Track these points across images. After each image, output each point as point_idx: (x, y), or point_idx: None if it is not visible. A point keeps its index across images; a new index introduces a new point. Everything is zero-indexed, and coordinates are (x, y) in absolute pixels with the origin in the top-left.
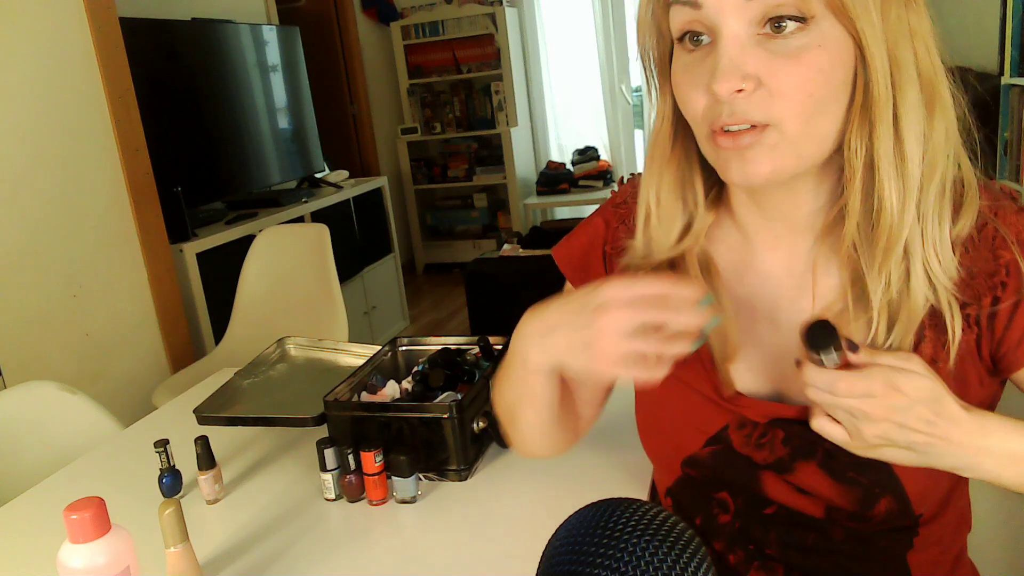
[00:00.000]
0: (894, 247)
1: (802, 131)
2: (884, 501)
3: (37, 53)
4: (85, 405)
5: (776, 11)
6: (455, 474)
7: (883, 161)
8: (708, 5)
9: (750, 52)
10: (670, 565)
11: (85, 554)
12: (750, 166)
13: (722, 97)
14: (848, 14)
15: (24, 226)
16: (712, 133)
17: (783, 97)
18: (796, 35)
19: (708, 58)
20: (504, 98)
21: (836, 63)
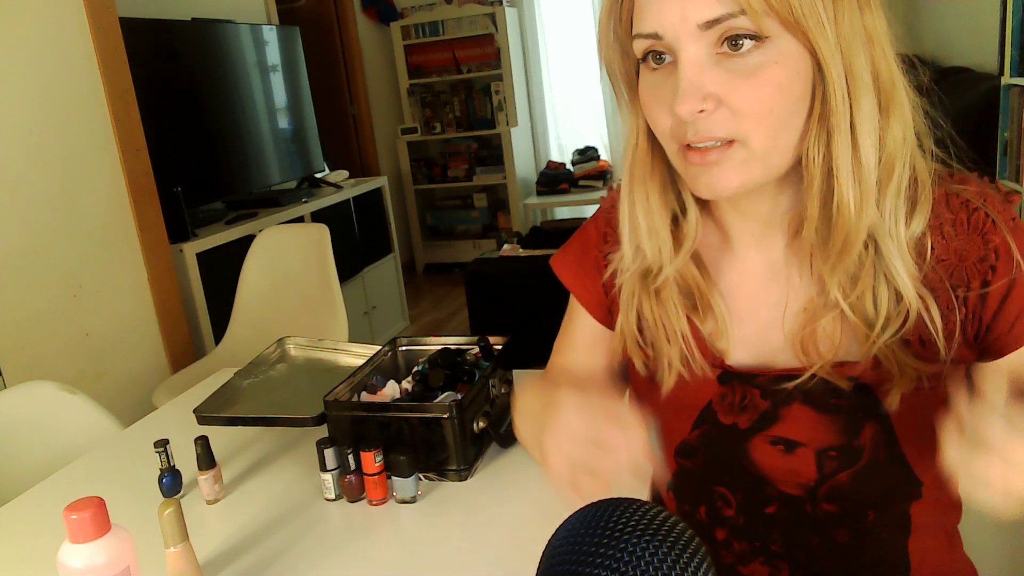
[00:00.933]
0: (850, 249)
1: (768, 145)
2: (869, 428)
3: (37, 53)
4: (85, 405)
5: (732, 32)
6: (455, 474)
7: (841, 168)
8: (667, 35)
9: (709, 73)
10: (670, 565)
11: (85, 554)
12: (718, 181)
13: (684, 118)
14: (802, 29)
15: (24, 226)
16: (680, 148)
17: (745, 115)
18: (753, 53)
19: (670, 78)
20: (504, 98)
21: (794, 77)
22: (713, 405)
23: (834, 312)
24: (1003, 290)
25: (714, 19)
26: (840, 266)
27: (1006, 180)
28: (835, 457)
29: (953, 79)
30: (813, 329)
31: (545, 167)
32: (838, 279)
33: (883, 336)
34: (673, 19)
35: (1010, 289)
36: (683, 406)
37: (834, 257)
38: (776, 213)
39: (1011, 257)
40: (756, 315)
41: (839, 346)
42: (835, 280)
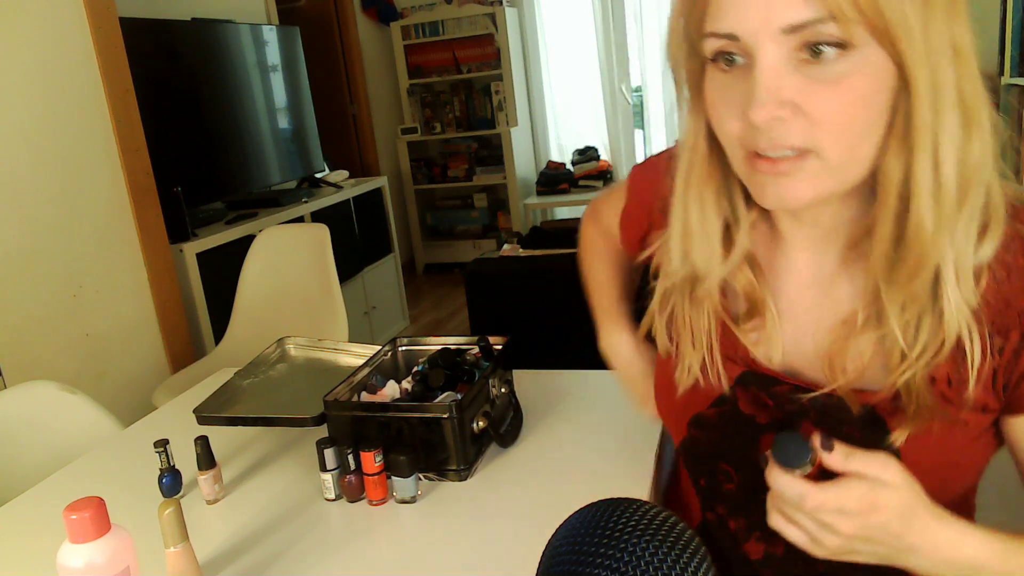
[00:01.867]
0: (920, 273)
1: (844, 157)
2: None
3: (37, 53)
4: (85, 405)
5: (816, 38)
6: (455, 474)
7: (922, 188)
8: (745, 36)
9: (788, 78)
10: (670, 565)
11: (85, 554)
12: (789, 192)
13: (759, 125)
14: (891, 39)
15: (24, 226)
16: (749, 155)
17: (823, 124)
18: (836, 61)
19: (743, 81)
20: (504, 98)
21: (877, 88)
22: (737, 389)
23: (871, 333)
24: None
25: (800, 23)
26: (906, 289)
27: None
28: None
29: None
30: (845, 346)
31: (545, 167)
32: (900, 302)
33: (916, 364)
34: (754, 20)
35: None
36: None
37: (902, 279)
38: (836, 223)
39: None
40: (794, 319)
41: (865, 368)
42: (896, 303)
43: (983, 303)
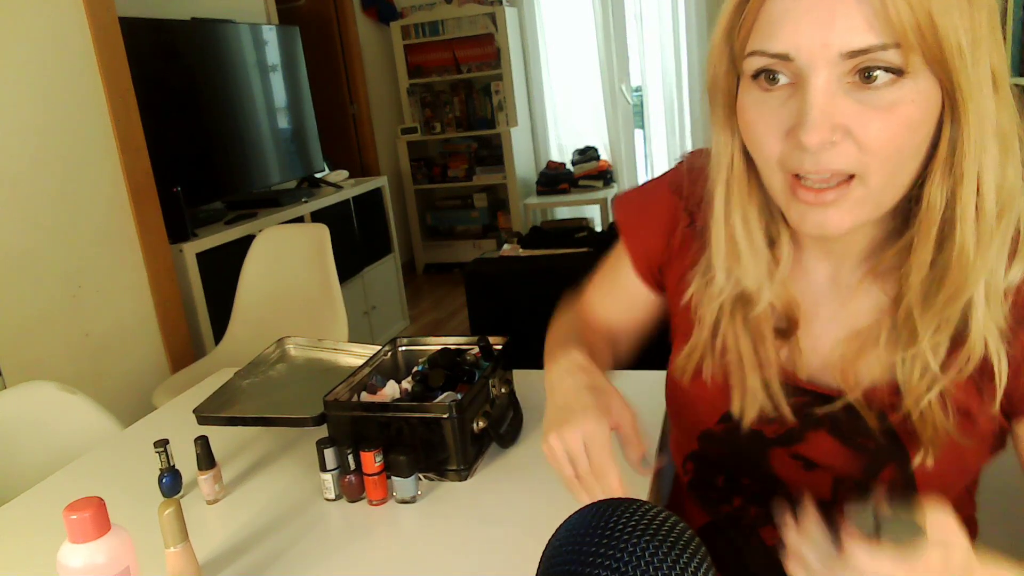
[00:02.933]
0: (960, 297)
1: (886, 183)
2: (888, 469)
3: (37, 53)
4: (85, 405)
5: (874, 63)
6: (455, 474)
7: (966, 215)
8: (800, 58)
9: (840, 102)
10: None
11: (84, 554)
12: (831, 221)
13: (811, 149)
14: (947, 68)
15: (24, 226)
16: (789, 180)
17: (872, 151)
18: (889, 88)
19: (789, 101)
20: (504, 98)
21: (925, 117)
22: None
23: (897, 352)
24: None
25: (860, 49)
26: (943, 313)
27: None
28: (851, 488)
29: None
30: (858, 358)
31: (545, 167)
32: (935, 325)
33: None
34: (812, 43)
35: None
36: (714, 397)
37: (940, 303)
38: (854, 238)
39: None
40: (811, 328)
41: (878, 381)
42: (931, 326)
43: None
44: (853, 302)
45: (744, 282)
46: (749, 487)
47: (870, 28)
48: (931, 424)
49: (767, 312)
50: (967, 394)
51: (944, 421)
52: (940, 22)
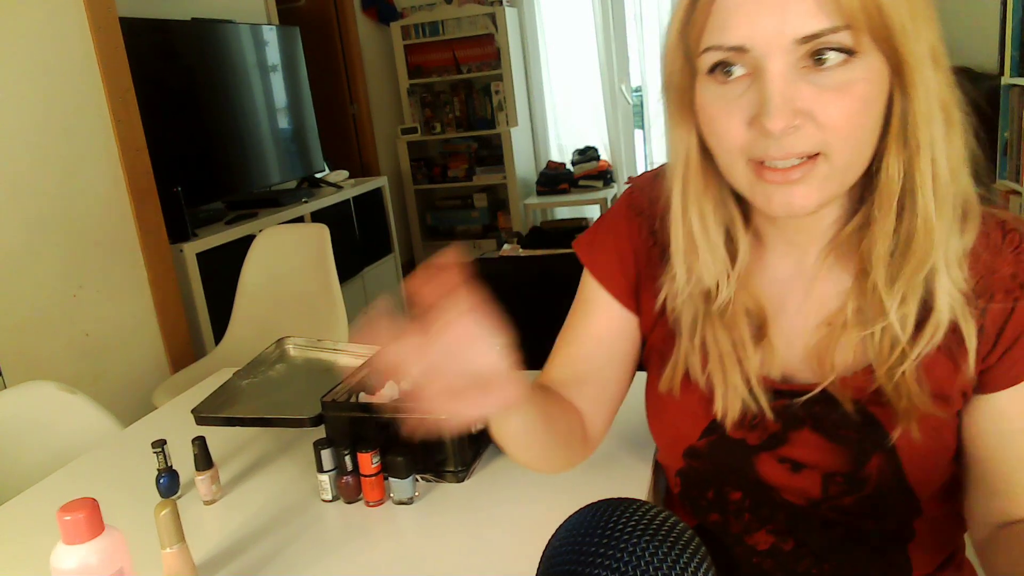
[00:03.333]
0: (926, 263)
1: (849, 160)
2: (876, 459)
3: (37, 53)
4: (85, 405)
5: (826, 45)
6: (453, 475)
7: (925, 185)
8: (756, 48)
9: (798, 87)
10: (670, 565)
11: (78, 555)
12: (798, 199)
13: (775, 133)
14: (894, 44)
15: (24, 226)
16: (753, 165)
17: (833, 130)
18: (841, 68)
19: (748, 91)
20: (504, 98)
21: (878, 92)
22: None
23: (863, 329)
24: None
25: (814, 34)
26: (911, 282)
27: (1006, 180)
28: (841, 482)
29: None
30: (831, 343)
31: (545, 167)
32: (901, 295)
33: (911, 354)
34: (767, 31)
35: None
36: (694, 413)
37: (908, 273)
38: (818, 225)
39: None
40: (781, 324)
41: (854, 364)
42: (897, 297)
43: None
44: (817, 290)
45: (704, 279)
46: (739, 499)
47: (820, 12)
48: (906, 396)
49: (740, 311)
50: (940, 365)
51: (919, 393)
52: (884, 2)
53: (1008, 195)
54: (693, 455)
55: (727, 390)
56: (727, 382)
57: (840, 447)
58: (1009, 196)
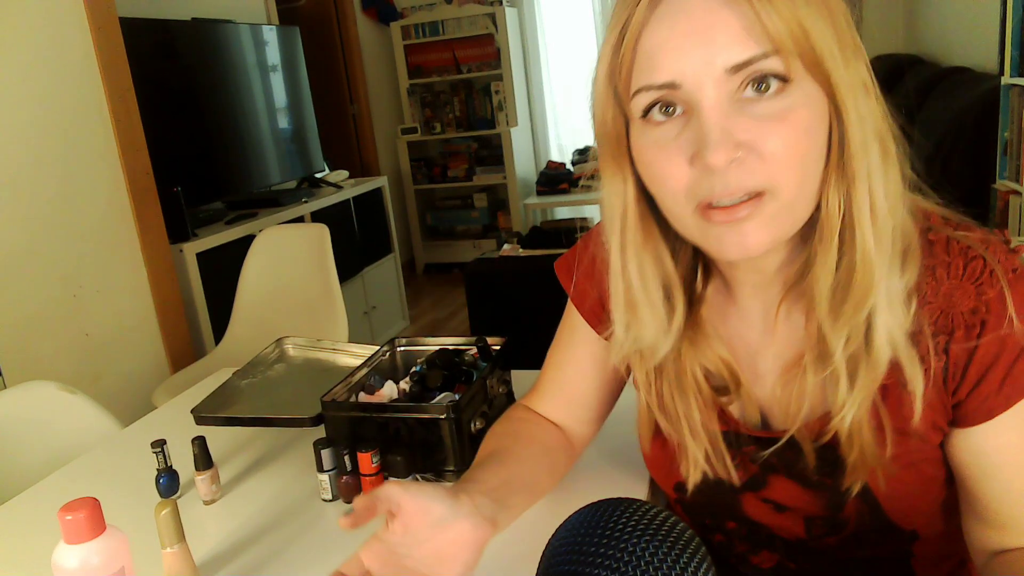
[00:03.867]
0: (868, 301)
1: (796, 194)
2: (853, 503)
3: (37, 53)
4: (85, 405)
5: (758, 74)
6: (453, 475)
7: (863, 217)
8: (687, 82)
9: (736, 119)
10: (670, 565)
11: (79, 554)
12: (750, 238)
13: (718, 168)
14: (824, 71)
15: (24, 226)
16: (701, 208)
17: (776, 161)
18: (779, 97)
19: (685, 130)
20: (504, 98)
21: (818, 121)
22: None
23: (818, 374)
24: (992, 355)
25: (744, 62)
26: (853, 320)
27: (1006, 180)
28: (822, 524)
29: (953, 79)
30: (791, 390)
31: (545, 167)
32: (845, 335)
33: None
34: (695, 65)
35: (999, 354)
36: (671, 460)
37: (849, 311)
38: (776, 264)
39: (1004, 314)
40: (758, 367)
41: (817, 408)
42: (841, 337)
43: (921, 307)
44: (781, 335)
45: (640, 333)
46: (735, 528)
47: (748, 38)
48: (857, 447)
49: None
50: (904, 404)
51: (871, 444)
52: (810, 28)
53: (1008, 195)
54: (682, 490)
55: (686, 457)
56: (687, 450)
57: (815, 492)
58: (1009, 196)
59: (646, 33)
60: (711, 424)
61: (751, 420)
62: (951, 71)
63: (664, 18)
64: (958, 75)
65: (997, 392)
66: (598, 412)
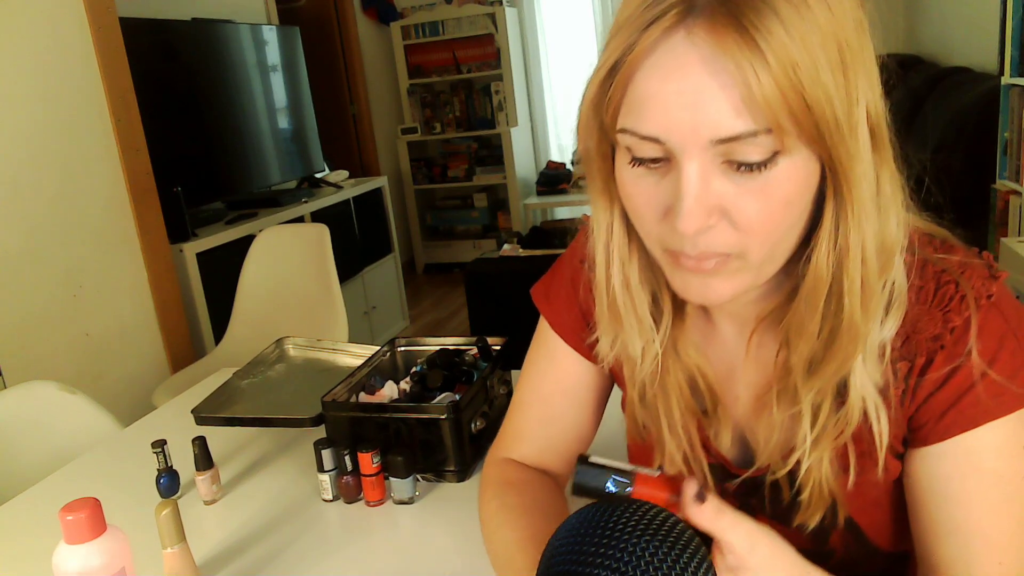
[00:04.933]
0: (846, 367)
1: (765, 257)
2: (835, 534)
3: (37, 53)
4: (85, 405)
5: (749, 147)
6: (453, 475)
7: (852, 288)
8: (671, 141)
9: (715, 184)
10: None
11: (80, 555)
12: (712, 292)
13: (687, 236)
14: (826, 144)
15: (24, 226)
16: (670, 253)
17: (749, 232)
18: (765, 170)
19: (666, 179)
20: (504, 98)
21: (803, 191)
22: None
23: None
24: (936, 383)
25: (732, 137)
26: (831, 380)
27: (1006, 180)
28: (809, 554)
29: (953, 79)
30: (760, 421)
31: (545, 167)
32: (815, 390)
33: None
34: (682, 127)
35: (950, 375)
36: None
37: (827, 373)
38: (752, 299)
39: (964, 343)
40: (733, 390)
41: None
42: (811, 391)
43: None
44: (752, 359)
45: (628, 348)
46: None
47: (738, 115)
48: (816, 488)
49: (675, 384)
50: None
51: (830, 479)
52: (812, 98)
53: (1008, 195)
54: None
55: (662, 454)
56: (664, 446)
57: (798, 527)
58: (1009, 196)
59: (638, 77)
60: (690, 427)
61: (724, 443)
62: (951, 71)
63: (658, 67)
64: (958, 75)
65: (937, 420)
66: (583, 437)
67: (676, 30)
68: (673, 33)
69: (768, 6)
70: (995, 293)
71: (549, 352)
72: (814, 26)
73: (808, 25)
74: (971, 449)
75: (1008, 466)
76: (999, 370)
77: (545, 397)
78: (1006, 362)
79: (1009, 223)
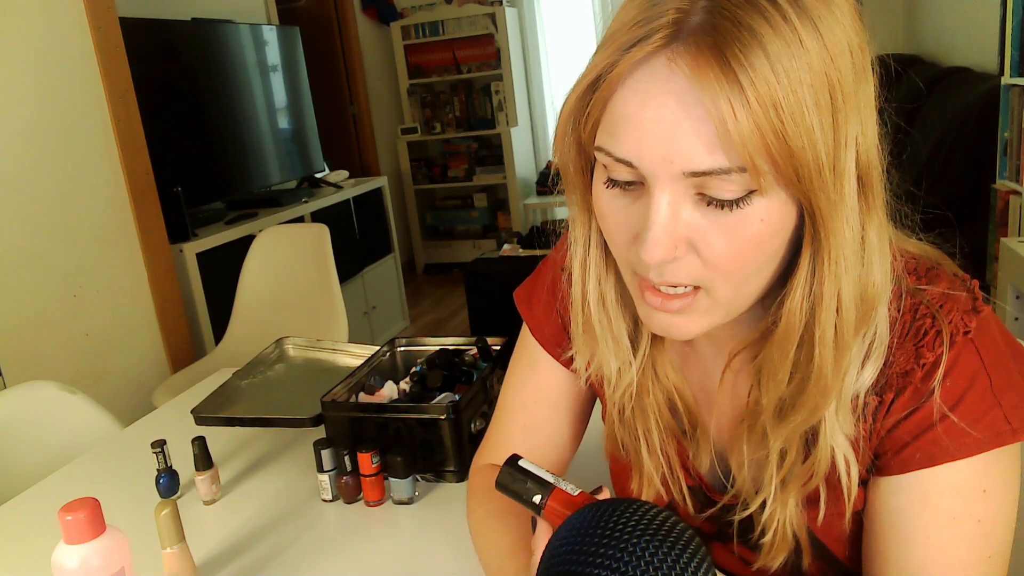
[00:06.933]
0: (816, 417)
1: (732, 296)
2: (813, 564)
3: (37, 53)
4: (85, 405)
5: (721, 183)
6: (452, 475)
7: (824, 338)
8: (643, 167)
9: (685, 215)
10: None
11: (80, 555)
12: (676, 329)
13: (652, 265)
14: (804, 190)
15: (24, 226)
16: (639, 278)
17: (716, 268)
18: (737, 208)
19: (638, 203)
20: (504, 98)
21: (776, 233)
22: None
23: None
24: (907, 412)
25: (704, 172)
26: (799, 428)
27: (1006, 180)
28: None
29: (953, 79)
30: (733, 449)
31: (545, 167)
32: (783, 438)
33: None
34: (654, 156)
35: (913, 412)
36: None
37: (798, 420)
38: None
39: (933, 378)
40: (712, 413)
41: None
42: (779, 438)
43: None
44: (728, 386)
45: (604, 367)
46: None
47: (711, 151)
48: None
49: (653, 404)
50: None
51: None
52: (793, 140)
53: (1008, 195)
54: None
55: (640, 474)
56: (643, 467)
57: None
58: (1009, 196)
59: (617, 97)
60: (668, 448)
61: (703, 465)
62: (951, 71)
63: (636, 91)
64: (958, 75)
65: (896, 453)
66: (572, 452)
67: (659, 54)
68: (655, 57)
69: (757, 40)
70: (974, 328)
71: (531, 359)
72: (804, 64)
73: (798, 63)
74: (927, 486)
75: (964, 507)
76: (963, 412)
77: (527, 404)
78: (971, 404)
79: (1009, 223)
